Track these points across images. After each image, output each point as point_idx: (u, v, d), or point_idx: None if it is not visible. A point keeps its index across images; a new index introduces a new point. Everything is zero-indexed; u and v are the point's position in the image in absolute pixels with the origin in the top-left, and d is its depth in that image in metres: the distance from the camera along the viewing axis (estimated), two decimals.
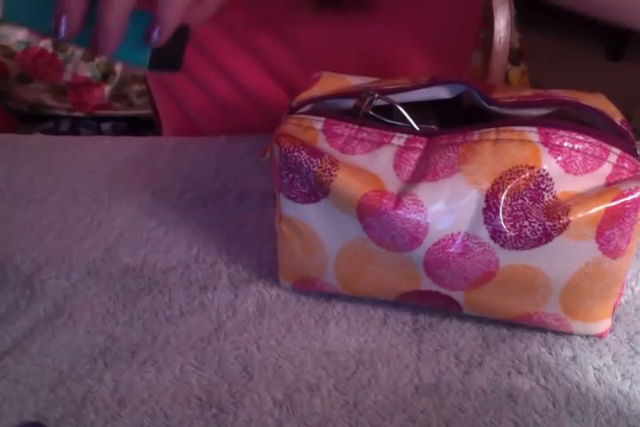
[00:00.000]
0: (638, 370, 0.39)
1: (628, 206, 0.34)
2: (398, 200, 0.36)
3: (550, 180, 0.34)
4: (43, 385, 0.39)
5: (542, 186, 0.34)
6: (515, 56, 1.48)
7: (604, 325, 0.39)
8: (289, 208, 0.40)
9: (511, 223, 0.35)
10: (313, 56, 0.58)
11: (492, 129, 0.36)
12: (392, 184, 0.37)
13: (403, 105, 0.38)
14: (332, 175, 0.37)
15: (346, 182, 0.36)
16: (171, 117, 0.76)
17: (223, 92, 0.64)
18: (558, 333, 0.41)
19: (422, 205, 0.35)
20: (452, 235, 0.36)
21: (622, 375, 0.38)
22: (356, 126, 0.38)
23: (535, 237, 0.35)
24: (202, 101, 0.66)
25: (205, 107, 0.66)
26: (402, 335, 0.42)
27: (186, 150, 0.62)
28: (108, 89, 1.57)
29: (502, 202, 0.35)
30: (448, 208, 0.35)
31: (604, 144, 0.35)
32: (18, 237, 0.51)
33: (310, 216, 0.39)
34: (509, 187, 0.34)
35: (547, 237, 0.35)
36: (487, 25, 0.77)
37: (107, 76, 1.56)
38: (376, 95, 0.38)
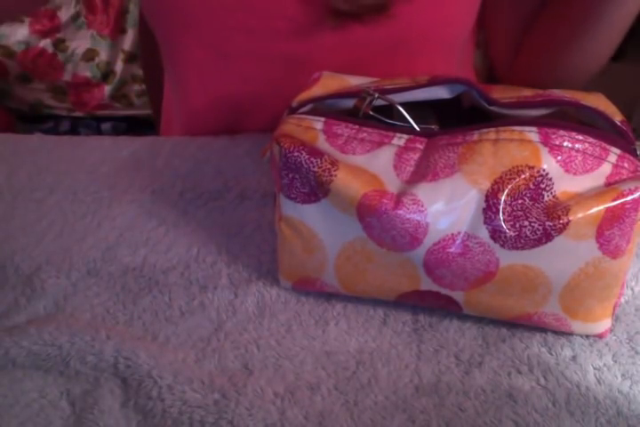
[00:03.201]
0: (638, 370, 0.39)
1: (627, 206, 0.34)
2: (398, 200, 0.36)
3: (550, 179, 0.34)
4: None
5: (542, 186, 0.35)
6: None
7: (603, 325, 0.40)
8: (289, 208, 0.40)
9: (511, 223, 0.35)
10: (333, 63, 0.58)
11: (492, 129, 0.36)
12: (392, 184, 0.37)
13: (403, 105, 0.38)
14: (331, 175, 0.37)
15: (346, 182, 0.37)
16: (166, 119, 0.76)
17: (231, 92, 0.64)
18: (558, 333, 0.41)
19: (422, 205, 0.35)
20: (452, 235, 0.36)
21: (622, 375, 0.38)
22: (357, 126, 0.38)
23: (535, 237, 0.35)
24: (206, 100, 0.66)
25: (209, 106, 0.66)
26: (402, 335, 0.42)
27: (186, 150, 0.62)
28: (107, 89, 1.57)
29: (502, 202, 0.35)
30: (448, 208, 0.35)
31: (603, 144, 0.35)
32: (18, 237, 0.51)
33: (310, 216, 0.39)
34: (509, 187, 0.34)
35: (547, 237, 0.35)
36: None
37: (107, 76, 1.56)
38: (376, 95, 0.38)
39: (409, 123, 0.38)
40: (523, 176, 0.34)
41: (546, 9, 0.57)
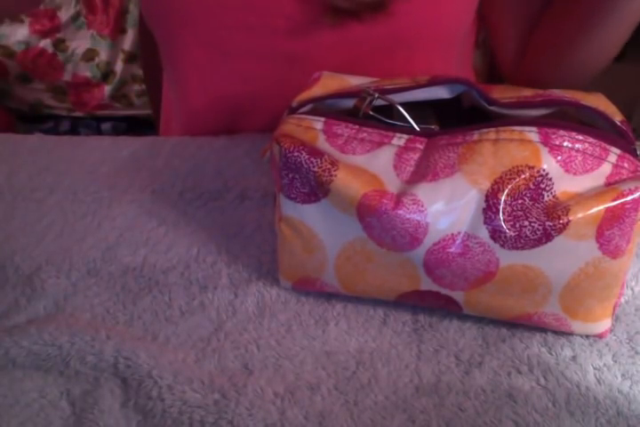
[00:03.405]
0: (638, 370, 0.39)
1: (627, 206, 0.34)
2: (398, 200, 0.36)
3: (550, 179, 0.34)
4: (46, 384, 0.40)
5: (542, 186, 0.35)
6: None
7: (603, 325, 0.40)
8: (289, 208, 0.40)
9: (511, 223, 0.35)
10: (332, 61, 0.58)
11: (492, 129, 0.36)
12: (392, 184, 0.37)
13: (403, 105, 0.38)
14: (331, 175, 0.37)
15: (346, 182, 0.37)
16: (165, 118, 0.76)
17: (231, 92, 0.64)
18: (558, 333, 0.41)
19: (422, 205, 0.35)
20: (452, 235, 0.36)
21: (622, 375, 0.38)
22: (357, 126, 0.38)
23: (535, 237, 0.35)
24: (206, 100, 0.66)
25: (208, 106, 0.66)
26: (402, 335, 0.42)
27: (186, 150, 0.62)
28: (107, 89, 1.57)
29: (502, 202, 0.35)
30: (448, 208, 0.35)
31: (603, 144, 0.35)
32: (18, 237, 0.51)
33: (310, 216, 0.39)
34: (509, 187, 0.34)
35: (547, 237, 0.35)
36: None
37: (107, 76, 1.56)
38: (376, 95, 0.38)
39: (409, 123, 0.38)
40: (523, 176, 0.34)
41: (552, 5, 0.57)
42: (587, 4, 0.52)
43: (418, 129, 0.38)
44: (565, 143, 0.35)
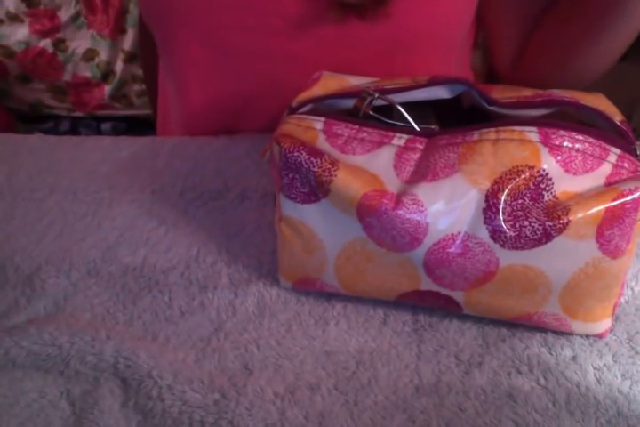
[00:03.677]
0: (638, 370, 0.39)
1: (627, 206, 0.34)
2: (398, 200, 0.36)
3: (550, 179, 0.34)
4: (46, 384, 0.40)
5: (542, 186, 0.35)
6: None
7: (603, 325, 0.40)
8: (289, 208, 0.40)
9: (511, 223, 0.35)
10: (331, 62, 0.58)
11: (492, 129, 0.36)
12: (392, 184, 0.37)
13: (403, 105, 0.38)
14: (331, 175, 0.37)
15: (346, 182, 0.37)
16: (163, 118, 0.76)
17: (230, 92, 0.64)
18: (558, 333, 0.41)
19: (422, 205, 0.35)
20: (452, 235, 0.36)
21: (622, 375, 0.38)
22: (357, 126, 0.38)
23: (535, 237, 0.35)
24: (205, 101, 0.66)
25: (207, 106, 0.66)
26: (402, 335, 0.42)
27: (186, 150, 0.62)
28: (107, 89, 1.57)
29: (502, 202, 0.35)
30: (448, 208, 0.35)
31: (603, 144, 0.35)
32: (18, 237, 0.51)
33: (310, 216, 0.39)
34: (509, 187, 0.34)
35: (547, 237, 0.35)
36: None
37: (107, 76, 1.56)
38: (376, 95, 0.38)
39: (409, 123, 0.38)
40: (523, 176, 0.34)
41: (556, 7, 0.56)
42: (596, 6, 0.51)
43: (418, 129, 0.38)
44: (565, 143, 0.35)
